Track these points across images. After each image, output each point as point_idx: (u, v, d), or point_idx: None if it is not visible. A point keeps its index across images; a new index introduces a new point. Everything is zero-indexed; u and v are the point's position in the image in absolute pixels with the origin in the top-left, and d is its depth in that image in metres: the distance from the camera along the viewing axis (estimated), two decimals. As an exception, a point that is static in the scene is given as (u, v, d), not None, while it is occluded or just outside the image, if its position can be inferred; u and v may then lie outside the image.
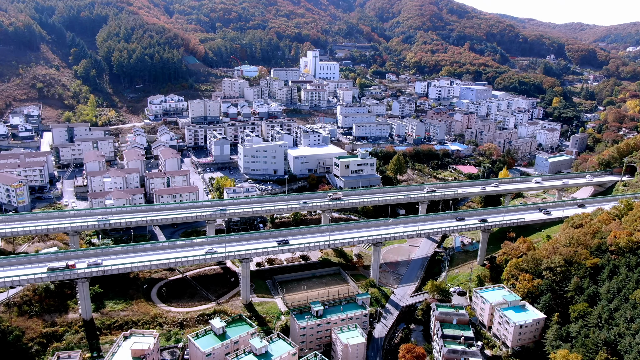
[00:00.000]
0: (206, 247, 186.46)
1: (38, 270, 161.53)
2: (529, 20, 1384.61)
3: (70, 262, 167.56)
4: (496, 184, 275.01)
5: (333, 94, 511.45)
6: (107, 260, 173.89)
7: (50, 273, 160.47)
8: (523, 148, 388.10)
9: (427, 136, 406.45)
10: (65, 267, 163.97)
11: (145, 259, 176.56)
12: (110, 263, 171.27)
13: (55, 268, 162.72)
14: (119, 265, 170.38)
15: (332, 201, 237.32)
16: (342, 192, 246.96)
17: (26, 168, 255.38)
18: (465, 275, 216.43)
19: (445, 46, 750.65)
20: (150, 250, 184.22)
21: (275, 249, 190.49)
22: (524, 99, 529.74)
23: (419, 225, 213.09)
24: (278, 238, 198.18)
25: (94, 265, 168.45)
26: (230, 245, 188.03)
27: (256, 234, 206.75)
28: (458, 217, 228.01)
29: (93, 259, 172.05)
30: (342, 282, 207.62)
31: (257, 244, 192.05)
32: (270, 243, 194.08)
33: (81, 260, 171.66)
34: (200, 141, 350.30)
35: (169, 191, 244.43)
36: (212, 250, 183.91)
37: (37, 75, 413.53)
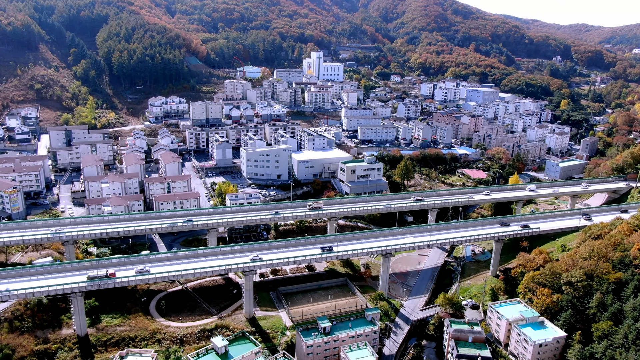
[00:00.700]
0: (251, 254, 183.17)
1: (78, 279, 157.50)
2: (533, 21, 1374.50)
3: (110, 271, 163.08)
4: (487, 192, 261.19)
5: (337, 96, 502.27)
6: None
7: (91, 282, 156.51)
8: (532, 152, 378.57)
9: (434, 139, 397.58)
10: (106, 276, 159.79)
11: (188, 266, 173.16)
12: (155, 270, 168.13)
13: (95, 277, 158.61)
14: (164, 274, 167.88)
15: (312, 211, 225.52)
16: (323, 201, 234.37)
17: (21, 173, 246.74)
18: (478, 287, 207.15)
19: (451, 47, 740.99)
20: (191, 257, 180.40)
21: (320, 256, 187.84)
22: (532, 102, 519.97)
23: (430, 235, 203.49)
24: (322, 245, 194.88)
25: (142, 272, 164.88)
26: (271, 253, 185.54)
27: (296, 240, 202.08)
28: (502, 222, 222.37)
29: (141, 266, 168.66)
30: (350, 294, 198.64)
31: (300, 251, 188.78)
32: (314, 250, 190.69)
33: (122, 268, 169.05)
34: (201, 144, 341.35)
35: (170, 197, 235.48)
36: (257, 258, 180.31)
37: (36, 76, 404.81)
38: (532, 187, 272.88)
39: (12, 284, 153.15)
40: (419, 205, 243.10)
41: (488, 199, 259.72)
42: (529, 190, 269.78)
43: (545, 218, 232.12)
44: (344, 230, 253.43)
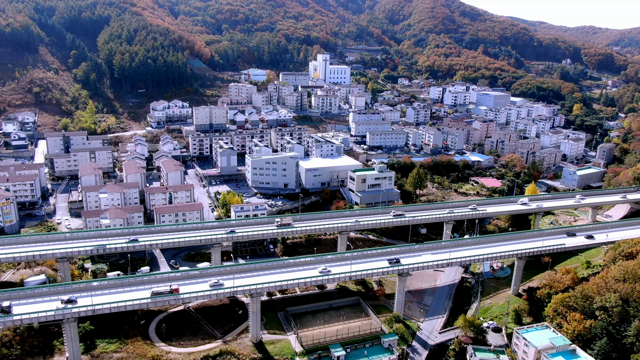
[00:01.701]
0: (319, 267, 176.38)
1: (141, 295, 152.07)
2: (540, 24, 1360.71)
3: (174, 286, 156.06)
4: (473, 206, 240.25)
5: (344, 100, 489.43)
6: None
7: (154, 298, 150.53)
8: (547, 159, 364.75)
9: (445, 145, 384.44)
10: (170, 292, 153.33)
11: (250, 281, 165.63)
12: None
13: (159, 292, 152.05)
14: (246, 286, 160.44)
15: (280, 228, 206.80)
16: (292, 217, 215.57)
17: (15, 182, 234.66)
18: (499, 307, 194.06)
19: (459, 50, 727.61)
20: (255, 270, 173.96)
21: (389, 269, 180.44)
22: (544, 106, 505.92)
23: (450, 252, 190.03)
24: (389, 257, 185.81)
25: (216, 286, 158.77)
26: (340, 265, 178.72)
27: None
28: (569, 232, 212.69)
29: (214, 279, 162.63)
30: (363, 315, 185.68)
31: (369, 264, 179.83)
32: (382, 262, 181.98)
33: (183, 283, 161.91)
34: (205, 151, 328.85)
35: (171, 209, 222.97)
36: (326, 270, 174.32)
37: (34, 79, 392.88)
38: (524, 200, 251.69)
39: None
40: (456, 215, 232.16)
41: (506, 211, 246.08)
42: (521, 204, 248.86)
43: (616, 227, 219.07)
44: (355, 243, 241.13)
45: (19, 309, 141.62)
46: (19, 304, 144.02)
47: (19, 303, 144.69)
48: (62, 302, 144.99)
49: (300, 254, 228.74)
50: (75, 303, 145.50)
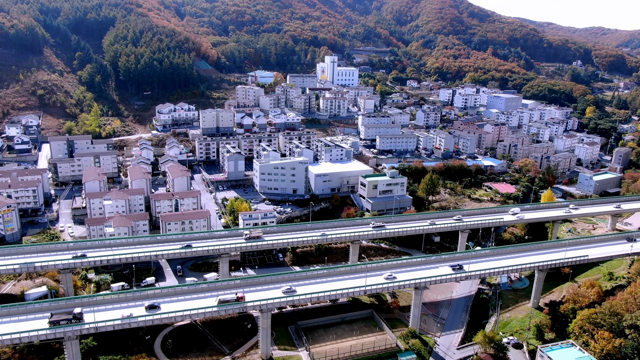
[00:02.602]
0: (386, 273, 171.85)
1: (206, 303, 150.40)
2: (548, 24, 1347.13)
3: (239, 293, 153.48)
4: (459, 216, 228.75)
5: (353, 102, 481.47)
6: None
7: (221, 307, 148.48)
8: (562, 164, 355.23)
9: (456, 149, 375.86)
10: (236, 300, 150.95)
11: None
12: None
13: (226, 301, 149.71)
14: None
15: (249, 241, 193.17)
16: (263, 230, 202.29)
17: (18, 188, 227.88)
18: (519, 322, 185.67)
19: (468, 51, 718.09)
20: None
21: (451, 275, 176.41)
22: (557, 109, 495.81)
23: (469, 264, 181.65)
24: (451, 263, 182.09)
25: (289, 292, 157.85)
26: (404, 272, 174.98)
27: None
28: (630, 237, 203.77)
29: (287, 285, 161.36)
30: (377, 329, 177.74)
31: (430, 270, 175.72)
32: (444, 269, 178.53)
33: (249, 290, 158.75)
34: (212, 155, 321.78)
35: (178, 217, 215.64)
36: (391, 276, 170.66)
37: (38, 81, 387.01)
38: (515, 210, 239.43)
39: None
40: (471, 224, 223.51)
41: (524, 219, 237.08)
42: (512, 214, 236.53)
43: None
44: (366, 252, 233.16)
45: (90, 316, 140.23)
46: (91, 311, 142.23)
47: (92, 310, 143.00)
48: (147, 308, 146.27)
49: (310, 263, 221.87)
50: (158, 309, 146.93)
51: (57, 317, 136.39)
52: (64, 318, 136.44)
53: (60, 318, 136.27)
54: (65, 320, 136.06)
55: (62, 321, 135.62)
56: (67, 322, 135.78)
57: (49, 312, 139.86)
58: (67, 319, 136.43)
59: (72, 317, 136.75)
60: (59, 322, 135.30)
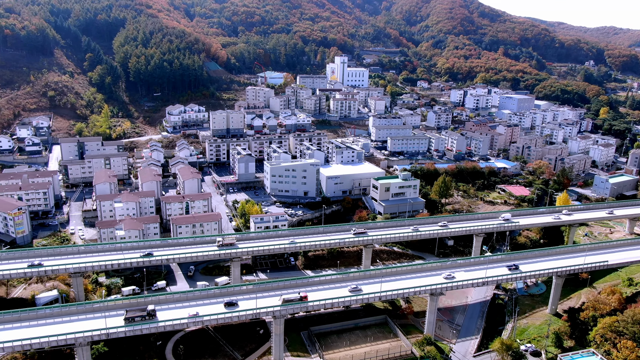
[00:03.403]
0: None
1: (272, 302, 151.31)
2: (559, 24, 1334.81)
3: (302, 293, 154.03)
4: (444, 222, 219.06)
5: (363, 103, 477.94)
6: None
7: (286, 306, 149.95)
8: (577, 166, 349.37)
9: (468, 151, 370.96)
10: (300, 299, 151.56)
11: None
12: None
13: (290, 300, 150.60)
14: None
15: (221, 248, 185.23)
16: (236, 236, 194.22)
17: (29, 191, 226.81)
18: (536, 328, 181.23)
19: (479, 51, 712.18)
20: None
21: (507, 275, 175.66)
22: (570, 110, 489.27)
23: (486, 270, 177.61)
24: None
25: (356, 291, 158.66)
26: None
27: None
28: None
29: (354, 283, 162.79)
30: (391, 335, 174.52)
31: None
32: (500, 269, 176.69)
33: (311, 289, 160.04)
34: (222, 157, 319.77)
35: (188, 220, 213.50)
36: (450, 276, 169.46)
37: (49, 82, 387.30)
38: (506, 215, 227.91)
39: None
40: (489, 227, 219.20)
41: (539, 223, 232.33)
42: (503, 220, 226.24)
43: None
44: (379, 255, 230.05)
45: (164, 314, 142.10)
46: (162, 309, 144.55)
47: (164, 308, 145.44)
48: (225, 304, 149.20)
49: (322, 266, 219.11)
50: (236, 306, 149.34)
51: (132, 314, 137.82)
52: (138, 315, 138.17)
53: (135, 315, 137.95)
54: (139, 317, 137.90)
55: (136, 318, 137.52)
56: (142, 318, 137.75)
57: (124, 309, 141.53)
58: (141, 315, 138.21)
59: (146, 314, 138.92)
60: (133, 318, 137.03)
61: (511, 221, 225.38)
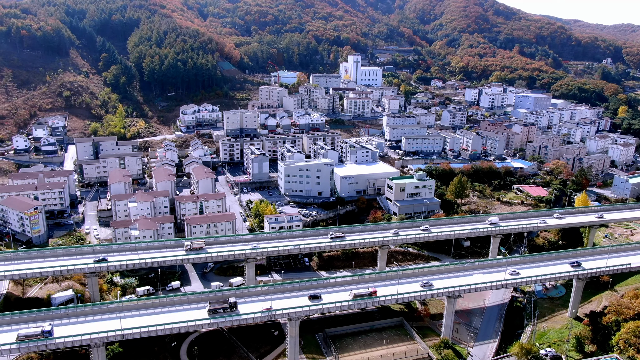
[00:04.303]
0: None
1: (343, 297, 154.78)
2: (575, 22, 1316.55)
3: (371, 288, 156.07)
4: (426, 226, 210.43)
5: (377, 103, 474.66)
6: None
7: (355, 300, 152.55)
8: (595, 166, 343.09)
9: (484, 151, 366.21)
10: (369, 294, 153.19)
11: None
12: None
13: (360, 295, 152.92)
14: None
15: (189, 253, 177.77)
16: (205, 240, 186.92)
17: (44, 190, 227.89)
18: (557, 332, 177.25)
19: (494, 50, 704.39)
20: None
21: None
22: (588, 109, 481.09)
23: (505, 272, 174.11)
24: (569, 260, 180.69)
25: (427, 287, 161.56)
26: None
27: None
28: None
29: (425, 279, 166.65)
30: (407, 338, 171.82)
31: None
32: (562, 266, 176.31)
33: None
34: (236, 156, 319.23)
35: (203, 220, 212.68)
36: (515, 272, 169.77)
37: (65, 82, 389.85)
38: (494, 219, 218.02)
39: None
40: (503, 229, 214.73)
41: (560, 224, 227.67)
42: (489, 223, 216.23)
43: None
44: (394, 257, 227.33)
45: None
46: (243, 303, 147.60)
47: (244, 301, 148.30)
48: (310, 297, 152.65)
49: (336, 267, 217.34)
50: (320, 299, 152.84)
51: (215, 306, 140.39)
52: (221, 307, 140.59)
53: (218, 307, 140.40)
54: (222, 309, 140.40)
55: (219, 310, 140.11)
56: (224, 310, 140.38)
57: (207, 302, 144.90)
58: (223, 307, 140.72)
59: (228, 307, 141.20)
60: (216, 310, 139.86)
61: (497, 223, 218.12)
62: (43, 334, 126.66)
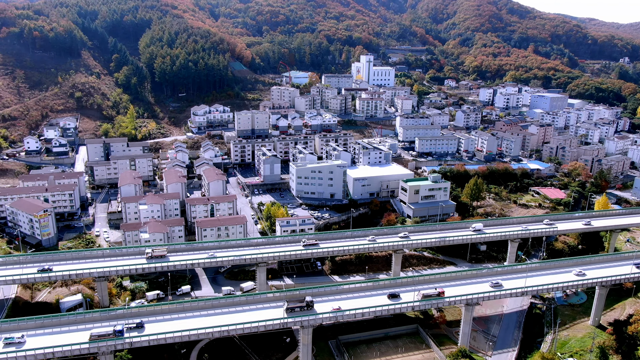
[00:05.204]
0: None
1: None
2: (590, 20, 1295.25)
3: (439, 289, 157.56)
4: (406, 232, 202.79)
5: (390, 103, 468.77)
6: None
7: (424, 301, 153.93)
8: (615, 167, 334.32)
9: (499, 152, 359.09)
10: (437, 295, 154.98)
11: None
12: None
13: (428, 295, 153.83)
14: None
15: (151, 261, 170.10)
16: (167, 247, 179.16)
17: (54, 192, 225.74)
18: (578, 341, 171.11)
19: (508, 49, 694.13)
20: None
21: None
22: (606, 109, 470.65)
23: (526, 279, 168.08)
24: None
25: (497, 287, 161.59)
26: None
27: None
28: None
29: (494, 279, 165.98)
30: (423, 346, 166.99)
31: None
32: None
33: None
34: (247, 158, 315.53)
35: (213, 223, 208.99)
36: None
37: (76, 83, 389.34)
38: (478, 225, 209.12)
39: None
40: (523, 232, 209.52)
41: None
42: (473, 230, 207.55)
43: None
44: (409, 261, 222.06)
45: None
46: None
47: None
48: (389, 296, 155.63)
49: (350, 272, 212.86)
50: (399, 298, 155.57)
51: (292, 305, 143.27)
52: (298, 306, 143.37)
53: (295, 305, 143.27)
54: (299, 307, 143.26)
55: (296, 308, 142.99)
56: (300, 309, 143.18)
57: (284, 301, 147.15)
58: (300, 306, 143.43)
59: (305, 305, 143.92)
60: (293, 309, 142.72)
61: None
62: (115, 334, 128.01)
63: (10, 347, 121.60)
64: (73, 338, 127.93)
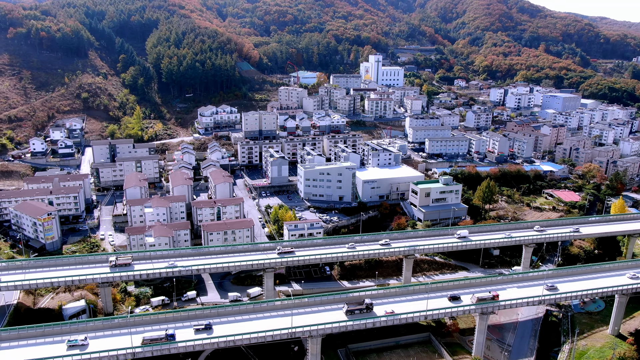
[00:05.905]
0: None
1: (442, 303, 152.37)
2: (602, 19, 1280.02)
3: (493, 292, 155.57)
4: (387, 240, 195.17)
5: (399, 103, 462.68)
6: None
7: (480, 304, 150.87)
8: (631, 169, 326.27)
9: (511, 153, 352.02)
10: (492, 298, 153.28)
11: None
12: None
13: (483, 299, 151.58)
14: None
15: (113, 270, 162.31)
16: (132, 254, 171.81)
17: (59, 195, 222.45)
18: (597, 351, 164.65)
19: (519, 48, 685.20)
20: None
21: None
22: (621, 109, 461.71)
23: (543, 286, 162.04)
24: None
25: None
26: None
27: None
28: None
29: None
30: (436, 356, 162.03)
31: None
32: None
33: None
34: (254, 159, 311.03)
35: (220, 226, 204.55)
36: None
37: (83, 84, 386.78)
38: (464, 232, 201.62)
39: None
40: (538, 237, 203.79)
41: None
42: (457, 237, 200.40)
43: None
44: (420, 266, 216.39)
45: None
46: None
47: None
48: (450, 298, 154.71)
49: (359, 277, 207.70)
50: (460, 300, 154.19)
51: (352, 307, 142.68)
52: (357, 308, 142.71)
53: (355, 308, 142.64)
54: (358, 310, 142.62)
55: (356, 311, 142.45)
56: (360, 312, 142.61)
57: (344, 303, 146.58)
58: (360, 309, 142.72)
59: (365, 308, 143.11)
60: (353, 311, 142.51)
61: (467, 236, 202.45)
62: (167, 338, 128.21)
63: (74, 350, 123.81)
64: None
